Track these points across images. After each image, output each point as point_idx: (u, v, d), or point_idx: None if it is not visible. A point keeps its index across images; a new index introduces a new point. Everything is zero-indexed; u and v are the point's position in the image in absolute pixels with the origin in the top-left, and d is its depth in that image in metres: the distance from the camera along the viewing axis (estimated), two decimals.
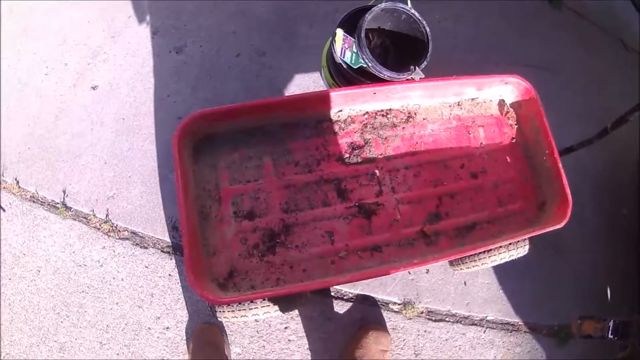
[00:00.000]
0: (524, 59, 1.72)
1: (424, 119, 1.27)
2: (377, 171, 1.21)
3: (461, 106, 1.29)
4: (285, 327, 1.33)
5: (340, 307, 1.36)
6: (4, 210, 1.39)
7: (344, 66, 1.18)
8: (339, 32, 1.16)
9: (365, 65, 1.13)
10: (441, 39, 1.33)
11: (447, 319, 1.40)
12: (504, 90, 1.28)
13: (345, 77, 1.23)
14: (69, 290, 1.33)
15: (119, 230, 1.37)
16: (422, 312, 1.39)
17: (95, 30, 1.57)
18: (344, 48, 1.16)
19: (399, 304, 1.39)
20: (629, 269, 1.55)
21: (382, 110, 1.24)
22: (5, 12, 1.59)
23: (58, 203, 1.40)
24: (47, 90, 1.50)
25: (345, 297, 1.37)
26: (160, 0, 1.61)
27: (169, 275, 1.34)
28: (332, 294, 1.37)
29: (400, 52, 1.25)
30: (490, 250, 1.14)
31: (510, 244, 1.15)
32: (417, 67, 1.11)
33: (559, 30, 1.85)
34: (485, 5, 1.79)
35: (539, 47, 1.78)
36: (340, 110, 1.21)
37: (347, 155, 1.21)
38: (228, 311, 1.03)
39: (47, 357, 1.28)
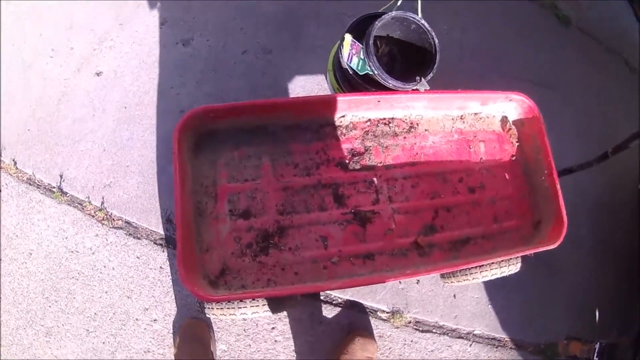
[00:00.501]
0: (528, 74, 1.72)
1: (425, 130, 1.27)
2: (375, 179, 1.21)
3: (464, 120, 1.29)
4: (273, 328, 1.33)
5: (329, 312, 1.36)
6: (0, 191, 1.39)
7: (350, 72, 1.18)
8: (347, 38, 1.16)
9: (371, 73, 1.13)
10: (448, 49, 1.33)
11: (434, 331, 1.41)
12: (507, 107, 1.28)
13: (351, 82, 1.22)
14: (59, 275, 1.33)
15: (113, 219, 1.37)
16: (409, 322, 1.40)
17: (104, 16, 1.56)
18: (352, 54, 1.16)
19: (387, 312, 1.39)
20: (621, 292, 1.56)
21: (384, 119, 1.24)
22: None
23: (54, 187, 1.39)
24: (51, 74, 1.50)
25: (334, 302, 1.38)
26: None
27: (160, 267, 1.34)
28: (322, 298, 1.37)
29: (407, 61, 1.25)
30: (483, 265, 1.15)
31: (502, 260, 1.15)
32: (422, 78, 1.11)
33: (565, 46, 1.85)
34: (494, 18, 1.79)
35: (545, 63, 1.78)
36: (343, 116, 1.21)
37: (347, 161, 1.21)
38: (217, 308, 1.02)
39: (32, 341, 1.28)
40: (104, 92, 1.48)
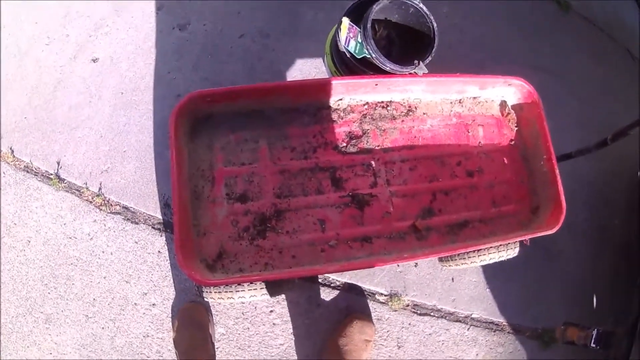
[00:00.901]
0: (528, 60, 1.70)
1: (424, 113, 1.26)
2: (373, 162, 1.21)
3: (462, 104, 1.28)
4: (271, 311, 1.34)
5: (327, 295, 1.37)
6: None
7: (348, 55, 1.16)
8: (345, 21, 1.15)
9: (369, 56, 1.12)
10: (447, 33, 1.32)
11: (432, 314, 1.41)
12: (506, 91, 1.27)
13: (348, 66, 1.21)
14: (58, 262, 1.33)
15: (111, 205, 1.37)
16: (407, 305, 1.40)
17: (99, 3, 1.55)
18: (349, 37, 1.15)
19: (385, 295, 1.39)
20: (618, 279, 1.56)
21: (382, 102, 1.23)
22: None
23: (52, 174, 1.39)
24: (47, 61, 1.48)
25: (332, 285, 1.38)
26: None
27: (159, 252, 1.35)
28: (320, 281, 1.38)
29: (405, 45, 1.24)
30: (480, 249, 1.15)
31: (500, 245, 1.15)
32: (421, 62, 1.10)
33: (566, 34, 1.83)
34: (493, 3, 1.77)
35: (545, 50, 1.77)
36: (341, 99, 1.20)
37: (344, 144, 1.20)
38: (214, 292, 1.03)
39: (32, 328, 1.29)
40: (100, 79, 1.47)
